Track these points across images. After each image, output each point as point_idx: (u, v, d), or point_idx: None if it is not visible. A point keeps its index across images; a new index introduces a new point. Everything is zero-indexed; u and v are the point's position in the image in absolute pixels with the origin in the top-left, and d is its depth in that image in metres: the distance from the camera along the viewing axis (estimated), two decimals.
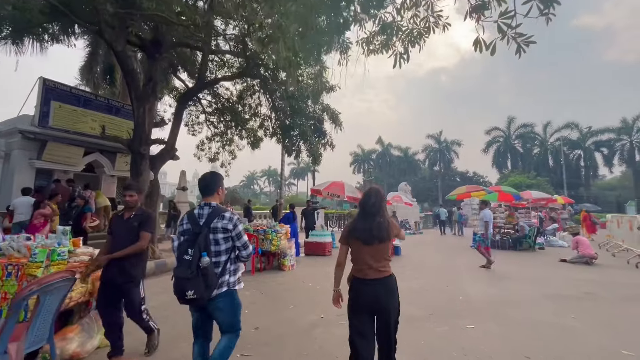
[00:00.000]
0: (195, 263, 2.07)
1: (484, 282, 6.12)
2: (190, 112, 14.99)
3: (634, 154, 38.99)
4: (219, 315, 2.27)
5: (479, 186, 13.25)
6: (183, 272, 2.08)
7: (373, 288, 2.24)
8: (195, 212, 2.29)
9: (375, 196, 2.35)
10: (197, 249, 2.10)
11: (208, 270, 2.08)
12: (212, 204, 2.31)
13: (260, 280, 6.17)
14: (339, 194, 10.49)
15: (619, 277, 6.65)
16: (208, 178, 2.41)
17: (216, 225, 2.20)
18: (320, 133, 9.51)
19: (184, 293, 2.05)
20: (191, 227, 2.22)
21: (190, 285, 2.04)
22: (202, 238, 2.14)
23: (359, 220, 2.35)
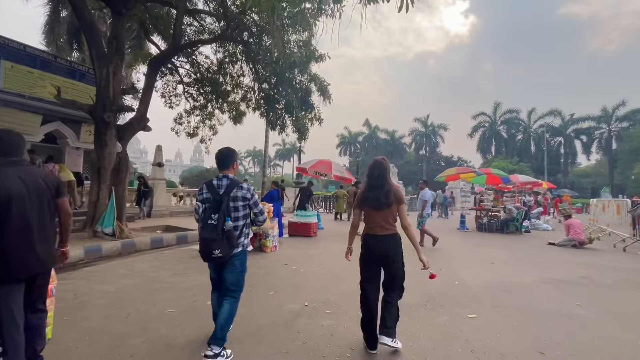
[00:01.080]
0: (220, 227, 2.35)
1: (477, 266, 5.81)
2: (167, 82, 13.83)
3: (611, 142, 40.17)
4: (231, 272, 2.57)
5: (469, 168, 13.02)
6: (209, 234, 2.37)
7: (382, 242, 2.64)
8: (214, 183, 2.56)
9: (378, 168, 2.69)
10: (221, 214, 2.38)
11: (231, 232, 2.40)
12: (229, 176, 2.60)
13: None
14: (326, 173, 9.94)
15: (610, 261, 6.51)
16: (225, 153, 2.68)
17: (236, 194, 2.50)
18: (308, 106, 8.79)
19: (211, 252, 2.36)
20: (211, 196, 2.49)
21: (216, 246, 2.35)
22: (225, 205, 2.43)
23: (367, 190, 2.71)
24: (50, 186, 2.03)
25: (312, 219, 8.98)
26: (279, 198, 7.86)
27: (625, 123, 38.84)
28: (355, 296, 3.97)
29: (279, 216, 7.83)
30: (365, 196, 2.71)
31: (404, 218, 2.69)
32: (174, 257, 6.08)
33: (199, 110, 14.24)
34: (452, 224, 12.74)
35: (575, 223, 8.23)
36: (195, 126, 14.72)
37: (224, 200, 2.44)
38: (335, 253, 6.69)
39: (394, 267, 2.67)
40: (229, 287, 2.59)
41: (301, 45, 8.61)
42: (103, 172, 7.31)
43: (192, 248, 6.99)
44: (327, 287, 4.35)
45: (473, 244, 8.37)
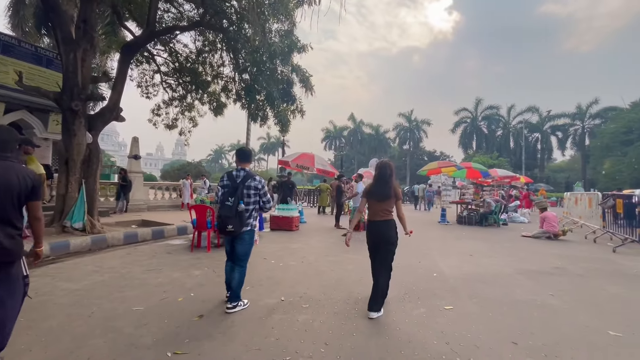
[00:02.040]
0: (235, 208, 2.99)
1: (456, 258, 5.87)
2: (143, 71, 13.27)
3: (584, 138, 41.87)
4: (240, 245, 3.19)
5: (450, 162, 13.20)
6: (226, 212, 3.01)
7: (380, 226, 3.26)
8: (234, 173, 3.18)
9: (389, 169, 3.35)
10: (236, 198, 3.02)
11: (242, 213, 3.03)
12: (246, 169, 3.21)
13: (217, 258, 5.45)
14: (309, 166, 9.81)
15: (581, 252, 6.74)
16: (245, 151, 3.36)
17: (250, 184, 3.12)
18: (290, 98, 8.59)
19: (226, 227, 3.00)
20: (230, 183, 3.14)
21: (230, 222, 2.99)
22: (240, 191, 3.05)
23: (375, 184, 3.35)
24: (23, 185, 1.92)
25: (293, 212, 8.87)
26: None
27: (597, 120, 40.56)
28: (332, 290, 3.94)
29: None
30: (372, 190, 3.34)
31: (399, 209, 3.36)
32: (148, 252, 5.83)
33: (178, 101, 13.76)
34: (434, 217, 12.93)
35: (551, 215, 8.48)
36: (174, 117, 14.24)
37: (240, 187, 3.08)
38: (317, 247, 6.62)
39: (388, 245, 3.26)
40: (239, 256, 3.22)
41: (283, 34, 8.39)
42: (72, 163, 6.91)
43: (169, 243, 6.75)
44: (306, 281, 4.26)
45: (453, 237, 8.49)
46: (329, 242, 7.34)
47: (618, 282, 4.53)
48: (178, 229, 7.79)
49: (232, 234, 3.10)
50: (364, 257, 5.90)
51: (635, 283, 4.50)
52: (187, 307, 3.26)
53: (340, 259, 5.61)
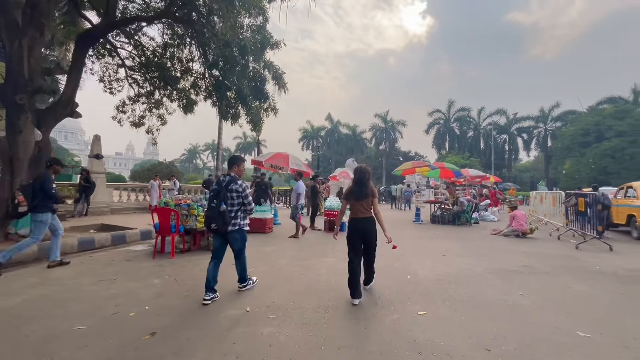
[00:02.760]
0: (217, 208, 3.40)
1: (430, 259, 5.85)
2: (106, 64, 12.44)
3: (547, 140, 44.39)
4: (233, 243, 3.61)
5: (424, 162, 13.40)
6: (210, 213, 3.46)
7: (363, 222, 3.65)
8: (221, 178, 3.59)
9: (367, 173, 3.79)
10: (219, 200, 3.42)
11: (225, 213, 3.40)
12: (231, 174, 3.59)
13: (180, 265, 5.08)
14: (283, 166, 9.54)
15: (547, 249, 6.96)
16: (232, 158, 3.72)
17: (232, 187, 3.48)
18: (262, 95, 8.28)
19: (210, 225, 3.44)
20: (217, 187, 3.51)
21: (214, 221, 3.42)
22: (222, 194, 3.44)
23: (354, 186, 3.76)
24: None
25: (267, 214, 8.57)
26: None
27: (558, 123, 43.11)
28: (302, 297, 3.70)
29: None
30: (352, 190, 3.79)
31: (376, 206, 3.77)
32: (104, 260, 5.35)
33: (145, 98, 13.02)
34: (409, 216, 13.05)
35: (519, 214, 8.74)
36: (141, 115, 13.47)
37: (223, 190, 3.45)
38: (290, 250, 6.39)
39: (371, 239, 3.74)
40: (235, 252, 3.72)
41: (255, 29, 8.07)
42: (17, 163, 6.23)
43: (130, 249, 6.26)
44: (275, 288, 4.03)
45: (427, 236, 8.55)
46: (302, 244, 7.13)
47: (582, 279, 4.65)
48: (141, 234, 7.27)
49: (216, 232, 3.55)
50: (337, 259, 5.77)
51: (597, 280, 4.64)
52: (139, 323, 2.93)
53: (313, 262, 5.42)
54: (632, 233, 8.68)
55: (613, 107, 35.34)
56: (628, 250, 6.93)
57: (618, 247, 7.08)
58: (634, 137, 31.16)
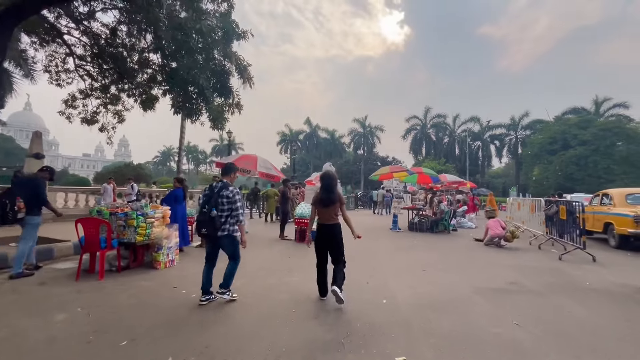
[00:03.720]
0: (208, 214, 3.51)
1: (408, 275, 5.19)
2: (52, 53, 11.08)
3: (518, 147, 46.00)
4: (224, 248, 3.70)
5: (402, 167, 12.95)
6: (202, 217, 3.57)
7: (329, 229, 3.84)
8: (213, 184, 3.71)
9: (332, 179, 3.91)
10: (210, 205, 3.53)
11: (215, 219, 3.50)
12: (224, 181, 3.72)
13: (107, 290, 4.10)
14: (250, 169, 8.64)
15: (530, 261, 6.52)
16: (225, 166, 3.96)
17: (223, 194, 3.60)
18: (225, 89, 7.40)
19: (200, 230, 3.59)
20: (209, 193, 3.66)
21: (204, 226, 3.54)
22: (214, 200, 3.56)
23: (322, 193, 3.86)
24: None
25: None
26: (183, 198, 6.36)
27: (528, 131, 44.82)
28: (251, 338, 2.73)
29: (182, 221, 6.33)
30: (320, 197, 3.80)
31: (344, 212, 3.88)
32: (8, 283, 4.26)
33: (100, 92, 11.73)
34: (388, 223, 12.47)
35: (492, 223, 8.33)
36: (94, 111, 12.16)
37: (214, 196, 3.55)
38: (252, 265, 5.51)
39: (337, 245, 3.83)
40: (230, 256, 3.74)
41: (219, 16, 7.20)
42: None
43: (54, 267, 5.17)
44: (215, 325, 3.17)
45: (405, 246, 7.94)
46: (269, 257, 6.29)
47: (578, 300, 4.13)
48: (75, 247, 6.13)
49: (207, 238, 3.64)
50: (304, 277, 4.98)
51: (594, 301, 4.14)
52: None
53: (277, 281, 4.60)
54: (610, 241, 8.51)
55: (577, 117, 37.11)
56: (611, 261, 6.62)
57: (599, 256, 6.76)
58: (596, 145, 32.76)
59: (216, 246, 3.69)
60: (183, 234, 6.28)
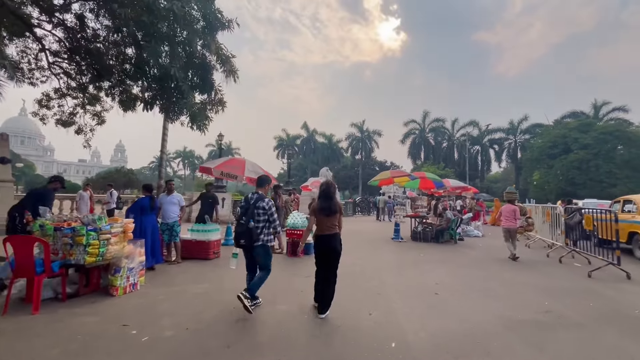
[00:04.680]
0: (245, 225, 3.64)
1: (418, 301, 4.30)
2: (25, 48, 10.25)
3: (517, 151, 45.44)
4: (257, 257, 3.78)
5: (403, 171, 12.13)
6: (240, 229, 3.70)
7: (328, 238, 3.71)
8: (249, 196, 3.86)
9: (332, 187, 3.82)
10: (247, 217, 3.66)
11: (252, 230, 3.62)
12: (259, 192, 3.84)
13: (36, 329, 3.18)
14: (237, 174, 7.77)
15: (557, 279, 5.66)
16: (261, 178, 4.09)
17: (259, 205, 3.71)
18: (206, 85, 6.56)
19: (239, 241, 3.70)
20: (245, 204, 3.82)
21: (242, 237, 3.67)
22: (250, 211, 3.69)
23: (321, 202, 3.75)
24: None
25: (212, 235, 6.74)
26: (151, 208, 5.45)
27: (527, 135, 44.32)
28: None
29: (152, 235, 5.42)
30: (320, 206, 3.75)
31: (340, 222, 3.85)
32: None
33: (77, 91, 10.87)
34: (389, 230, 11.58)
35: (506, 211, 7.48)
36: (71, 112, 11.28)
37: (251, 208, 3.71)
38: (232, 286, 4.59)
39: (337, 256, 3.77)
40: (261, 265, 3.81)
41: (198, 1, 6.38)
42: None
43: None
44: None
45: (410, 261, 7.06)
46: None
47: (631, 333, 3.28)
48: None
49: (244, 248, 3.75)
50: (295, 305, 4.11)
51: None
52: None
53: (256, 314, 3.69)
54: (636, 253, 7.69)
55: (577, 121, 36.67)
56: None
57: (630, 271, 5.91)
58: (598, 149, 32.23)
59: (253, 255, 3.81)
60: (153, 250, 5.37)
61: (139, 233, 5.07)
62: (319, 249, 3.72)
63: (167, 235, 6.14)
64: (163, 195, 6.35)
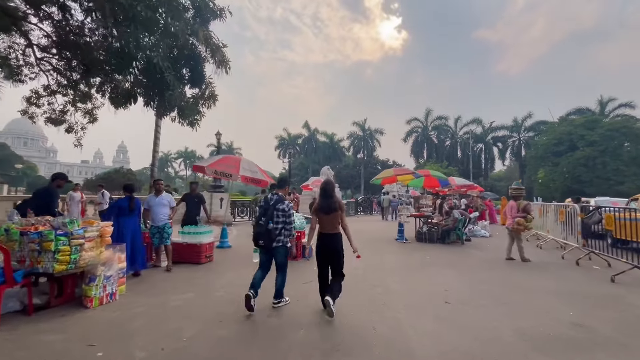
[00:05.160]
0: (265, 226, 3.71)
1: (429, 312, 3.85)
2: (12, 43, 9.90)
3: (521, 149, 44.74)
4: (276, 257, 3.85)
5: (406, 169, 11.65)
6: (259, 229, 3.76)
7: (330, 239, 3.74)
8: (269, 197, 3.89)
9: (330, 185, 3.85)
10: (267, 218, 3.74)
11: (271, 231, 3.70)
12: (279, 194, 3.89)
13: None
14: (231, 173, 7.34)
15: (577, 284, 5.19)
16: (281, 179, 4.23)
17: (279, 207, 3.77)
18: (197, 77, 6.13)
19: (258, 241, 3.77)
20: (264, 205, 3.85)
21: (262, 238, 3.74)
22: (270, 212, 3.75)
23: (321, 200, 3.78)
24: None
25: (203, 237, 6.31)
26: (130, 209, 5.02)
27: (531, 133, 43.60)
28: None
29: (133, 238, 4.99)
30: (320, 205, 3.77)
31: (343, 220, 3.80)
32: None
33: (68, 89, 10.49)
34: (394, 231, 11.12)
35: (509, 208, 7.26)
36: (62, 110, 10.91)
37: (270, 209, 3.76)
38: (220, 294, 4.16)
39: (337, 256, 3.75)
40: (279, 266, 3.87)
41: None
42: None
43: None
44: None
45: (416, 264, 6.61)
46: (242, 283, 4.92)
47: None
48: None
49: (263, 248, 3.80)
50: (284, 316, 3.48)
51: None
52: None
53: (245, 326, 3.25)
54: None
55: (583, 118, 35.98)
56: None
57: None
58: (604, 146, 31.56)
59: (270, 256, 3.85)
60: (134, 255, 4.94)
61: (117, 237, 4.64)
62: (318, 247, 3.77)
63: (157, 239, 5.68)
64: (152, 197, 5.89)
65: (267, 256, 3.86)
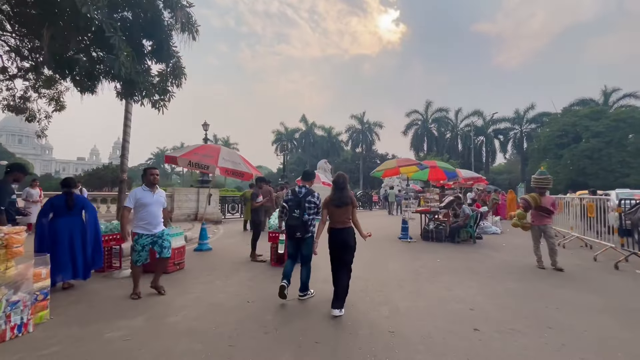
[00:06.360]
0: (300, 218, 3.82)
1: (458, 348, 2.82)
2: None
3: (523, 141, 43.74)
4: (304, 248, 3.91)
5: (411, 160, 10.59)
6: (294, 222, 3.85)
7: (341, 232, 3.64)
8: (296, 190, 3.99)
9: (343, 178, 3.80)
10: (301, 210, 3.83)
11: (306, 222, 3.83)
12: (307, 186, 4.01)
13: None
14: (209, 164, 6.27)
15: (628, 298, 4.19)
16: (309, 172, 4.31)
17: (310, 199, 3.87)
18: (163, 51, 5.02)
19: (295, 233, 3.86)
20: (293, 197, 3.92)
21: (298, 230, 3.84)
22: (303, 205, 3.84)
23: (334, 193, 3.70)
24: None
25: (175, 240, 5.25)
26: (68, 208, 3.93)
27: (533, 125, 42.56)
28: None
29: (70, 242, 3.93)
30: (332, 197, 3.69)
31: (354, 215, 3.72)
32: None
33: (31, 73, 9.31)
34: (395, 229, 10.11)
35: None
36: (23, 96, 9.73)
37: (302, 201, 3.85)
38: (175, 321, 3.09)
39: (350, 250, 3.64)
40: (305, 258, 3.94)
41: None
42: None
43: None
44: None
45: (426, 271, 5.57)
46: (217, 299, 3.88)
47: None
48: None
49: (297, 239, 3.88)
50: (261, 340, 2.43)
51: None
52: None
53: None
54: None
55: (587, 109, 34.97)
56: None
57: None
58: (610, 137, 30.62)
59: (298, 247, 3.93)
60: (74, 259, 3.88)
61: (49, 242, 3.59)
62: (331, 243, 3.70)
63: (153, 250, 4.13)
64: (143, 192, 4.01)
65: (296, 247, 3.95)
